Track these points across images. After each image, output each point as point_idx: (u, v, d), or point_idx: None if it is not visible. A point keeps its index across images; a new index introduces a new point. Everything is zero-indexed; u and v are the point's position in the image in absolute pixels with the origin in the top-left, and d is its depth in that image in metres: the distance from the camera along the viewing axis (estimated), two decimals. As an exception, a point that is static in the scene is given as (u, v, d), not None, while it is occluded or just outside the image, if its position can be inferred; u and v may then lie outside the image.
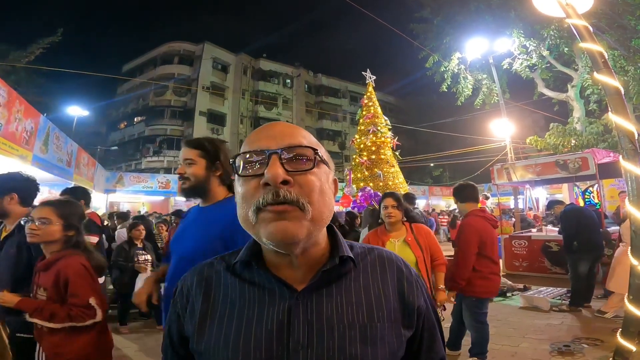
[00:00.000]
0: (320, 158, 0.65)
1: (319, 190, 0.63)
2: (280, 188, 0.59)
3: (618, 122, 2.64)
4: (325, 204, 0.64)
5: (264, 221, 0.60)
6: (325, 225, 0.66)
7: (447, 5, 14.60)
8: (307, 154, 0.63)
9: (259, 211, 0.60)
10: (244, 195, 0.62)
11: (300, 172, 0.61)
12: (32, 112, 6.06)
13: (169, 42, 33.86)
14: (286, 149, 0.62)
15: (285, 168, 0.60)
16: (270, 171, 0.59)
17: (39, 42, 16.89)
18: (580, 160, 7.37)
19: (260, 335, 0.63)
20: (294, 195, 0.59)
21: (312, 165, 0.62)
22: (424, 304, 0.74)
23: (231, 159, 0.66)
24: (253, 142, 0.65)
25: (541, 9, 3.38)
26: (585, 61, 11.98)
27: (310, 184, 0.61)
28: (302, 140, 0.65)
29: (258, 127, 0.70)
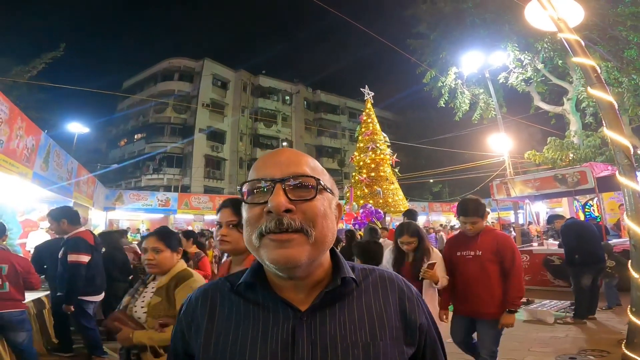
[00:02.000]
0: (322, 186, 0.67)
1: (322, 214, 0.65)
2: (284, 216, 0.62)
3: (613, 137, 2.66)
4: (329, 228, 0.66)
5: (267, 246, 0.63)
6: (328, 248, 0.69)
7: (443, 21, 14.89)
8: (310, 182, 0.66)
9: (262, 237, 0.63)
10: (249, 220, 0.66)
11: (303, 200, 0.64)
12: (33, 129, 6.08)
13: (169, 59, 34.25)
14: (290, 177, 0.64)
15: (288, 196, 0.63)
16: (274, 200, 0.62)
17: (41, 57, 17.08)
18: (579, 174, 7.41)
19: (265, 355, 0.64)
20: (297, 222, 0.62)
21: (314, 194, 0.65)
22: (426, 322, 0.75)
23: (238, 186, 0.70)
24: (259, 169, 0.68)
25: (534, 24, 3.46)
26: (579, 74, 12.13)
27: (313, 209, 0.64)
28: (306, 169, 0.67)
29: (266, 153, 0.73)
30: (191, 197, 20.37)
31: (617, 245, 6.32)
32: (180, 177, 30.43)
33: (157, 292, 1.91)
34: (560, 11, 3.07)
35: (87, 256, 3.76)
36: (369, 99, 15.74)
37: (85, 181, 10.33)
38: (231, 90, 35.59)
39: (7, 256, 3.42)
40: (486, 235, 2.89)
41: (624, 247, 6.12)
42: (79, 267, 3.69)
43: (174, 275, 1.97)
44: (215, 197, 21.40)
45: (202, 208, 20.06)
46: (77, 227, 3.94)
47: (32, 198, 7.12)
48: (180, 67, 34.15)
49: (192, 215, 20.33)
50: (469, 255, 2.88)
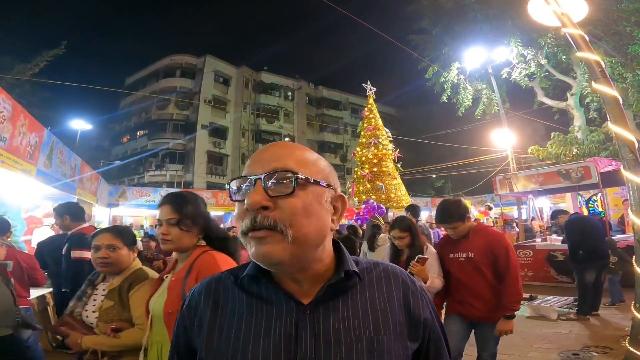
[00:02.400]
0: (303, 179, 0.65)
1: (303, 212, 0.63)
2: (259, 213, 0.62)
3: (618, 132, 2.64)
4: (311, 225, 0.64)
5: (248, 243, 0.64)
6: (317, 245, 0.67)
7: (445, 16, 14.78)
8: (287, 177, 0.64)
9: (244, 235, 0.64)
10: (237, 218, 0.67)
11: (282, 196, 0.63)
12: (36, 126, 6.10)
13: (171, 55, 34.24)
14: (268, 174, 0.64)
15: (268, 193, 0.63)
16: (250, 198, 0.62)
17: (43, 55, 17.09)
18: (583, 170, 7.37)
19: (268, 349, 0.64)
20: (270, 220, 0.61)
21: (292, 189, 0.63)
22: (430, 316, 0.75)
23: (227, 184, 0.71)
24: (247, 167, 0.69)
25: (537, 19, 3.42)
26: (583, 69, 12.06)
27: (291, 207, 0.63)
28: (288, 162, 0.65)
29: (258, 149, 0.73)
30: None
31: (620, 241, 6.29)
32: (183, 173, 30.51)
33: (109, 294, 1.77)
34: (564, 6, 3.04)
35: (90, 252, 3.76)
36: (371, 95, 15.67)
37: (89, 178, 10.37)
38: (233, 86, 35.58)
39: (12, 253, 3.44)
40: (477, 235, 2.68)
41: (627, 242, 6.10)
42: (82, 264, 3.68)
43: (128, 276, 1.82)
44: (218, 192, 21.43)
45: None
46: (80, 224, 3.93)
47: (36, 195, 7.15)
48: (182, 63, 34.15)
49: (195, 211, 20.40)
50: (461, 257, 2.69)
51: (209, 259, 1.49)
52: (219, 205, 20.35)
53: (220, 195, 20.70)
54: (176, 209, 1.55)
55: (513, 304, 2.51)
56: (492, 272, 2.60)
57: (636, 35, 10.61)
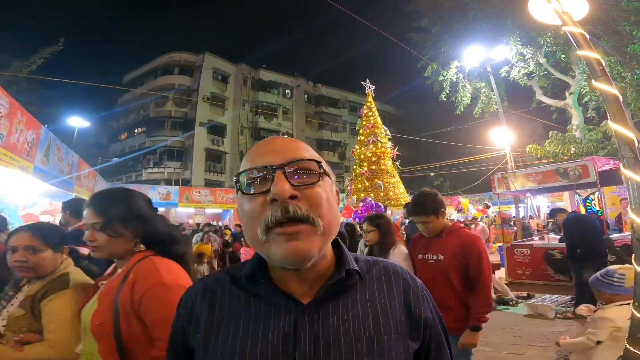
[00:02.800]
0: (324, 170, 0.65)
1: (327, 202, 0.63)
2: (289, 203, 0.59)
3: (618, 130, 2.63)
4: (333, 215, 0.64)
5: (274, 241, 0.60)
6: (334, 236, 0.67)
7: (445, 14, 14.78)
8: (312, 167, 0.63)
9: (269, 230, 0.59)
10: (252, 214, 0.62)
11: (306, 185, 0.61)
12: (33, 123, 6.08)
13: (170, 53, 34.14)
14: (290, 163, 0.62)
15: (291, 183, 0.60)
16: (278, 187, 0.59)
17: (40, 52, 17.00)
18: (581, 168, 7.38)
19: (266, 349, 0.62)
20: (304, 211, 0.59)
21: (317, 179, 0.62)
22: (431, 315, 0.73)
23: (234, 177, 0.66)
24: (255, 158, 0.65)
25: (537, 17, 3.40)
26: (582, 68, 12.07)
27: (317, 196, 0.62)
28: (304, 153, 0.65)
29: (258, 143, 0.70)
30: (192, 191, 20.41)
31: (617, 240, 6.31)
32: (181, 170, 30.46)
33: (23, 302, 1.52)
34: (565, 4, 3.03)
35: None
36: (370, 93, 15.69)
37: (87, 175, 10.34)
38: (231, 84, 35.50)
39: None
40: (451, 236, 2.40)
41: (625, 241, 6.11)
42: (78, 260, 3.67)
43: (46, 283, 1.56)
44: (216, 190, 21.44)
45: (203, 201, 20.10)
46: (79, 220, 3.92)
47: (34, 192, 7.13)
48: (180, 61, 34.04)
49: (193, 208, 20.38)
50: (430, 259, 2.43)
51: (148, 266, 1.28)
52: (217, 203, 20.36)
53: (218, 193, 20.69)
54: (99, 211, 1.34)
55: (481, 314, 2.23)
56: (461, 279, 2.32)
57: (635, 34, 10.62)
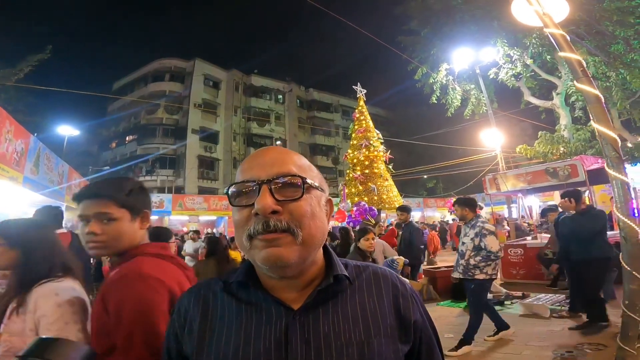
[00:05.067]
0: (309, 184, 0.67)
1: (310, 215, 0.65)
2: (270, 218, 0.62)
3: (601, 130, 2.69)
4: (317, 228, 0.66)
5: (256, 247, 0.63)
6: (319, 247, 0.69)
7: (433, 17, 14.94)
8: (296, 182, 0.65)
9: (251, 239, 0.63)
10: (238, 223, 0.66)
11: (290, 200, 0.64)
12: (22, 133, 6.01)
13: (160, 59, 33.98)
14: (275, 178, 0.64)
15: (275, 197, 0.63)
16: (260, 202, 0.62)
17: (27, 60, 16.81)
18: (570, 168, 7.48)
19: (258, 355, 0.63)
20: (284, 223, 0.62)
21: (300, 194, 0.64)
22: (421, 318, 0.75)
23: (225, 189, 0.70)
24: (245, 171, 0.67)
25: (520, 19, 3.47)
26: (567, 68, 12.24)
27: (299, 210, 0.64)
28: (291, 168, 0.67)
29: (251, 154, 0.72)
30: (185, 198, 20.29)
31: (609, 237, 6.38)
32: (174, 178, 30.27)
33: None
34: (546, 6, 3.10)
35: None
36: (362, 97, 15.77)
37: (77, 184, 10.23)
38: (223, 90, 35.43)
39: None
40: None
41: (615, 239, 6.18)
42: None
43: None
44: (210, 197, 21.33)
45: (197, 209, 19.98)
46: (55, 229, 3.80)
47: (24, 202, 7.04)
48: (171, 67, 33.90)
49: (186, 216, 20.25)
50: None
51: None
52: (211, 210, 20.26)
53: (212, 200, 20.59)
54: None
55: None
56: None
57: (618, 34, 10.84)
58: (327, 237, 0.76)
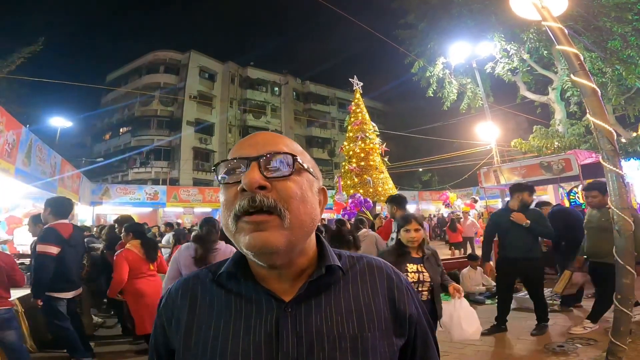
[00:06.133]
0: (300, 165, 0.64)
1: (300, 197, 0.62)
2: (257, 193, 0.59)
3: (597, 123, 2.69)
4: (307, 213, 0.63)
5: (242, 230, 0.60)
6: (309, 234, 0.66)
7: (430, 11, 14.86)
8: (287, 159, 0.63)
9: (238, 219, 0.60)
10: (225, 203, 0.63)
11: (278, 178, 0.61)
12: (14, 124, 5.93)
13: (155, 51, 33.56)
14: (265, 155, 0.62)
15: (263, 174, 0.60)
16: (247, 176, 0.59)
17: (20, 52, 16.55)
18: (564, 162, 7.52)
19: (248, 348, 0.62)
20: (271, 200, 0.59)
21: (291, 171, 0.62)
22: (416, 312, 0.73)
23: (213, 167, 0.67)
24: (236, 151, 0.65)
25: (518, 13, 3.45)
26: (564, 63, 12.27)
27: (288, 189, 0.61)
28: (282, 147, 0.65)
29: (246, 136, 0.70)
30: (180, 190, 20.19)
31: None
32: (169, 170, 30.09)
33: None
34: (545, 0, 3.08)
35: (55, 247, 3.58)
36: (358, 89, 15.70)
37: (70, 176, 10.14)
38: (219, 82, 35.14)
39: (-10, 253, 3.34)
40: None
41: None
42: (45, 258, 3.53)
43: None
44: (205, 189, 21.25)
45: (192, 200, 19.91)
46: (57, 219, 3.83)
47: (16, 194, 6.97)
48: (165, 59, 33.53)
49: (181, 208, 20.19)
50: None
51: None
52: (206, 202, 20.19)
53: (207, 192, 20.52)
54: None
55: None
56: None
57: (616, 30, 10.84)
58: (322, 229, 0.74)
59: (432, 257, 2.77)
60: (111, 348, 4.59)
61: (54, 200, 3.97)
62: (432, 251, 2.82)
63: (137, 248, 4.02)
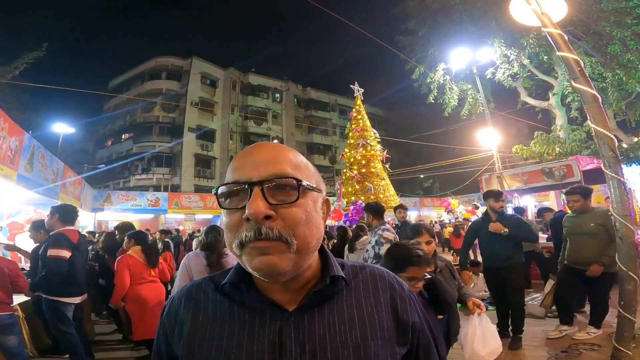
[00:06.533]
0: (305, 187, 0.63)
1: (305, 222, 0.61)
2: (262, 224, 0.58)
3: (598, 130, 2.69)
4: (312, 234, 0.62)
5: (248, 255, 0.60)
6: (314, 252, 0.66)
7: (431, 17, 14.96)
8: (291, 184, 0.61)
9: (243, 246, 0.60)
10: (229, 227, 0.62)
11: (284, 204, 0.60)
12: (16, 130, 5.95)
13: (157, 57, 33.76)
14: (268, 180, 0.60)
15: (268, 201, 0.59)
16: (252, 207, 0.58)
17: (23, 57, 16.66)
18: (565, 168, 7.52)
19: (251, 357, 0.62)
20: (276, 232, 0.58)
21: (296, 197, 0.61)
22: (418, 320, 0.73)
23: (214, 190, 0.65)
24: (236, 170, 0.63)
25: (518, 19, 3.47)
26: (564, 69, 12.31)
27: (294, 215, 0.60)
28: (286, 167, 0.63)
29: (243, 151, 0.67)
30: (181, 197, 20.20)
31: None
32: (170, 176, 30.12)
33: None
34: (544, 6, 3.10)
35: (67, 252, 3.63)
36: (359, 96, 15.76)
37: (72, 182, 10.16)
38: (220, 88, 35.30)
39: (-7, 259, 3.35)
40: None
41: (610, 239, 6.21)
42: (59, 262, 3.58)
43: None
44: (206, 196, 21.25)
45: (193, 207, 19.90)
46: (65, 226, 3.87)
47: (18, 200, 6.98)
48: (167, 65, 33.71)
49: (183, 214, 20.17)
50: None
51: None
52: (207, 209, 20.17)
53: (208, 199, 20.51)
54: None
55: None
56: None
57: (615, 35, 10.88)
58: (325, 237, 0.74)
59: (446, 270, 2.49)
60: (112, 354, 4.57)
61: (62, 207, 4.03)
62: (445, 263, 2.55)
63: (138, 254, 4.03)
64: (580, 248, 4.01)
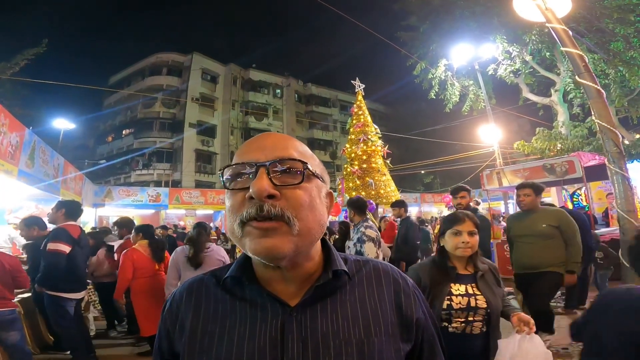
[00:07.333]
0: (311, 172, 0.63)
1: (308, 205, 0.61)
2: (265, 202, 0.57)
3: (602, 125, 2.68)
4: (315, 220, 0.62)
5: (249, 235, 0.59)
6: (316, 241, 0.65)
7: (433, 13, 14.87)
8: (297, 167, 0.61)
9: (244, 225, 0.59)
10: (231, 208, 0.61)
11: (288, 186, 0.60)
12: (17, 126, 5.95)
13: (157, 53, 33.69)
14: (275, 161, 0.60)
15: (273, 182, 0.59)
16: (256, 185, 0.57)
17: (23, 53, 16.62)
18: (567, 164, 7.50)
19: (252, 353, 0.61)
20: (278, 209, 0.57)
21: (301, 179, 0.61)
22: (423, 316, 0.72)
23: (219, 171, 0.65)
24: (243, 154, 0.63)
25: (522, 15, 3.44)
26: (566, 65, 12.25)
27: (298, 198, 0.60)
28: (292, 152, 0.63)
29: (250, 138, 0.68)
30: (182, 192, 20.21)
31: (605, 234, 6.41)
32: (171, 172, 30.13)
33: None
34: (548, 2, 3.07)
35: (67, 246, 3.62)
36: (360, 91, 15.70)
37: (73, 178, 10.17)
38: (221, 84, 35.22)
39: (-6, 255, 3.35)
40: None
41: (612, 235, 6.22)
42: (58, 256, 3.57)
43: None
44: (207, 191, 21.27)
45: (194, 203, 19.92)
46: (68, 220, 3.88)
47: (19, 196, 6.99)
48: (168, 61, 33.63)
49: (183, 210, 20.21)
50: None
51: None
52: (208, 204, 20.20)
53: (209, 194, 20.53)
54: None
55: None
56: None
57: (618, 32, 10.82)
58: (327, 232, 0.74)
59: (489, 275, 1.92)
60: (113, 350, 4.59)
61: (69, 203, 4.05)
62: (489, 265, 1.98)
63: (144, 248, 4.04)
64: (530, 252, 3.54)
